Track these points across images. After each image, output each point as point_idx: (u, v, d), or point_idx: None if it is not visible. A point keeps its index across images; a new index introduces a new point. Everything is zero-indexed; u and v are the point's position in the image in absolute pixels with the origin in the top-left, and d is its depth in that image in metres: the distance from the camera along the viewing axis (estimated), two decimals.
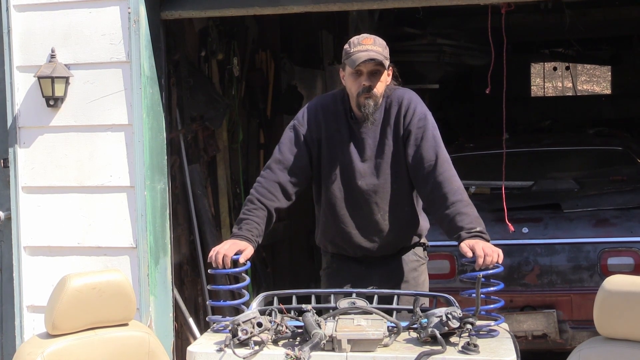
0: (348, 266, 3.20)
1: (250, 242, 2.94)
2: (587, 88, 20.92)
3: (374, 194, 3.08)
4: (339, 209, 3.12)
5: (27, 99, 3.88)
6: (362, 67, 2.96)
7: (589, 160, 5.65)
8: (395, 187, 3.09)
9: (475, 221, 2.88)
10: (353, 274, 3.17)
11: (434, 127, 3.06)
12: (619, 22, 8.77)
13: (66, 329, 2.44)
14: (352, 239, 3.14)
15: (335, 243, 3.20)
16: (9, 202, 3.93)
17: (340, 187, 3.10)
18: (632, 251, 4.25)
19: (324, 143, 3.10)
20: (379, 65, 2.96)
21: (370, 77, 2.98)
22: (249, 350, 2.47)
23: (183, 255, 4.79)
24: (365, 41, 2.99)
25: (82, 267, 3.83)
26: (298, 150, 3.09)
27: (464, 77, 11.07)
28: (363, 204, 3.09)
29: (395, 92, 3.11)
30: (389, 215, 3.10)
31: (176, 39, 4.59)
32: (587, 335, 3.45)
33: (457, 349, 2.42)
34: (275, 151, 3.13)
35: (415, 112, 3.05)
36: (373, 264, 3.18)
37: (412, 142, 3.02)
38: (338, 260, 3.24)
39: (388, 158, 3.07)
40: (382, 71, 2.99)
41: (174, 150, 4.58)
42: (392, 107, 3.08)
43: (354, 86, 3.01)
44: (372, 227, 3.11)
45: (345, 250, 3.19)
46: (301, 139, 3.09)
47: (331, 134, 3.10)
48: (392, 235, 3.13)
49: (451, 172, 3.00)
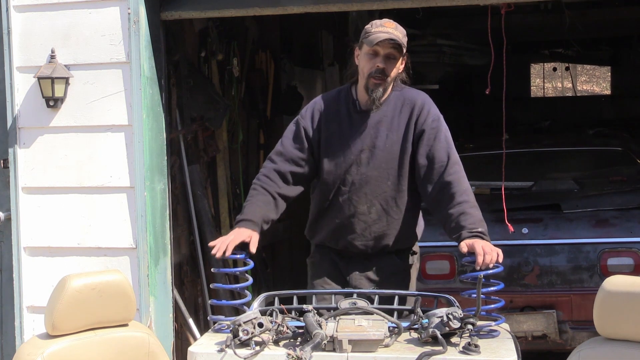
0: (329, 258, 3.23)
1: (255, 227, 2.95)
2: (586, 88, 20.92)
3: (365, 184, 3.09)
4: (329, 196, 3.14)
5: (27, 99, 3.88)
6: (380, 48, 2.98)
7: (589, 160, 5.65)
8: (389, 184, 3.09)
9: (478, 222, 2.88)
10: (332, 267, 3.20)
11: (446, 129, 3.09)
12: (619, 23, 8.77)
13: (66, 329, 2.44)
14: (335, 228, 3.14)
15: (320, 232, 3.21)
16: (8, 202, 3.93)
17: (334, 174, 3.11)
18: (632, 251, 4.25)
19: (323, 133, 3.13)
20: (396, 49, 2.99)
21: (385, 60, 3.00)
22: (250, 350, 2.47)
23: (183, 255, 4.79)
24: (388, 24, 3.03)
25: (82, 267, 3.82)
26: (299, 142, 3.13)
27: (464, 77, 11.07)
28: (353, 193, 3.08)
29: (408, 91, 3.14)
30: (375, 209, 3.10)
31: (176, 39, 4.58)
32: (587, 336, 3.45)
33: (458, 350, 2.42)
34: (277, 144, 3.18)
35: (429, 113, 3.08)
36: (352, 259, 3.18)
37: (424, 142, 3.04)
38: (320, 251, 3.26)
39: (388, 153, 3.08)
40: (397, 57, 3.02)
41: (174, 150, 4.58)
42: (404, 105, 3.10)
43: (367, 65, 3.02)
44: (357, 218, 3.10)
45: (328, 241, 3.20)
46: (302, 131, 3.14)
47: (331, 123, 3.13)
48: (374, 230, 3.11)
49: (461, 173, 3.01)
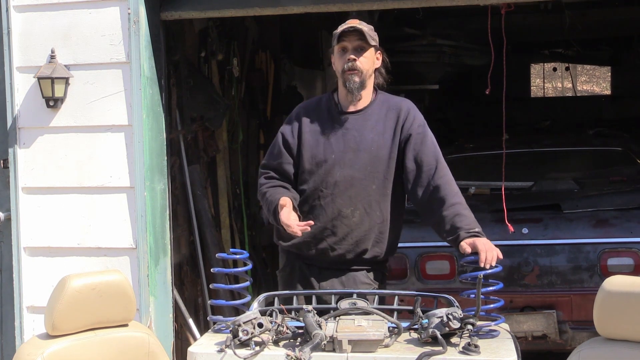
0: (300, 273, 3.19)
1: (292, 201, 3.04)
2: (586, 88, 20.92)
3: (350, 186, 3.08)
4: (311, 198, 3.12)
5: (27, 99, 3.88)
6: (347, 42, 3.06)
7: (589, 160, 5.65)
8: (374, 187, 3.09)
9: (474, 223, 2.92)
10: (303, 282, 3.17)
11: (432, 135, 3.14)
12: (619, 23, 8.76)
13: (66, 329, 2.44)
14: (316, 232, 3.08)
15: (297, 237, 3.07)
16: (8, 202, 3.93)
17: (316, 175, 3.11)
18: (632, 252, 4.24)
19: (304, 138, 3.14)
20: (362, 41, 3.04)
21: (355, 52, 3.06)
22: (249, 350, 2.47)
23: (183, 255, 4.80)
24: (351, 22, 3.10)
25: (82, 267, 3.82)
26: (281, 155, 3.17)
27: (464, 77, 11.05)
28: (337, 195, 3.07)
29: (393, 97, 3.20)
30: (358, 212, 3.08)
31: (176, 39, 4.59)
32: (587, 336, 3.45)
33: (458, 350, 2.42)
34: (265, 157, 3.27)
35: (415, 118, 3.12)
36: (325, 270, 3.15)
37: (411, 146, 3.06)
38: (291, 264, 3.22)
39: (374, 156, 3.08)
40: (366, 48, 3.06)
41: (174, 150, 4.58)
42: (390, 110, 3.13)
43: (339, 62, 3.09)
44: (339, 221, 3.08)
45: (304, 246, 3.14)
46: (280, 140, 3.19)
47: (312, 128, 3.15)
48: (356, 234, 3.09)
49: (450, 176, 3.05)
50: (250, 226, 5.83)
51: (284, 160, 3.16)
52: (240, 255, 2.87)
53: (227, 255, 2.94)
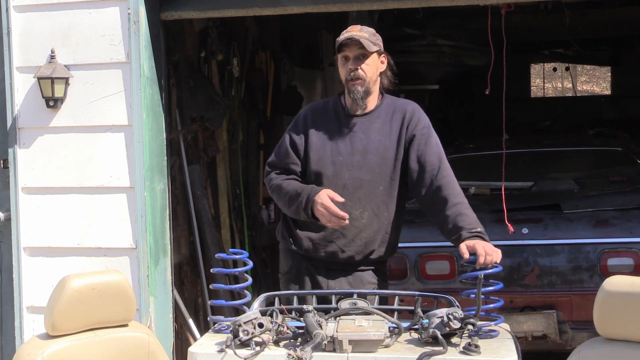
0: (307, 272, 3.19)
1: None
2: (587, 88, 20.93)
3: (359, 188, 3.09)
4: None
5: (26, 99, 3.87)
6: (348, 51, 3.06)
7: (589, 160, 5.64)
8: (381, 189, 3.10)
9: (476, 223, 2.94)
10: (312, 279, 3.17)
11: (436, 137, 3.15)
12: (619, 23, 8.77)
13: (66, 329, 2.44)
14: (325, 235, 3.10)
15: (304, 240, 3.12)
16: (8, 202, 3.93)
17: (324, 177, 3.11)
18: (632, 252, 4.24)
19: (311, 140, 3.14)
20: (363, 49, 3.03)
21: (356, 61, 3.06)
22: (250, 351, 2.47)
23: (183, 256, 4.79)
24: (352, 28, 3.09)
25: (81, 267, 3.82)
26: (289, 155, 3.17)
27: (464, 77, 11.07)
28: (346, 198, 3.06)
29: (399, 100, 3.21)
30: (367, 214, 3.10)
31: (176, 39, 4.58)
32: (587, 336, 3.45)
33: (459, 350, 2.42)
34: (271, 156, 3.25)
35: (420, 120, 3.14)
36: (332, 271, 3.15)
37: (415, 147, 3.08)
38: (297, 266, 3.21)
39: (382, 157, 3.10)
40: (368, 55, 3.05)
41: (174, 150, 4.58)
42: (395, 112, 3.15)
43: (342, 72, 3.10)
44: (350, 223, 3.06)
45: (312, 249, 3.14)
46: (288, 141, 3.17)
47: (320, 130, 3.15)
48: (365, 235, 3.10)
49: (452, 177, 3.07)
50: (250, 226, 5.83)
51: (291, 161, 3.17)
52: (240, 256, 2.87)
53: (226, 255, 2.94)
